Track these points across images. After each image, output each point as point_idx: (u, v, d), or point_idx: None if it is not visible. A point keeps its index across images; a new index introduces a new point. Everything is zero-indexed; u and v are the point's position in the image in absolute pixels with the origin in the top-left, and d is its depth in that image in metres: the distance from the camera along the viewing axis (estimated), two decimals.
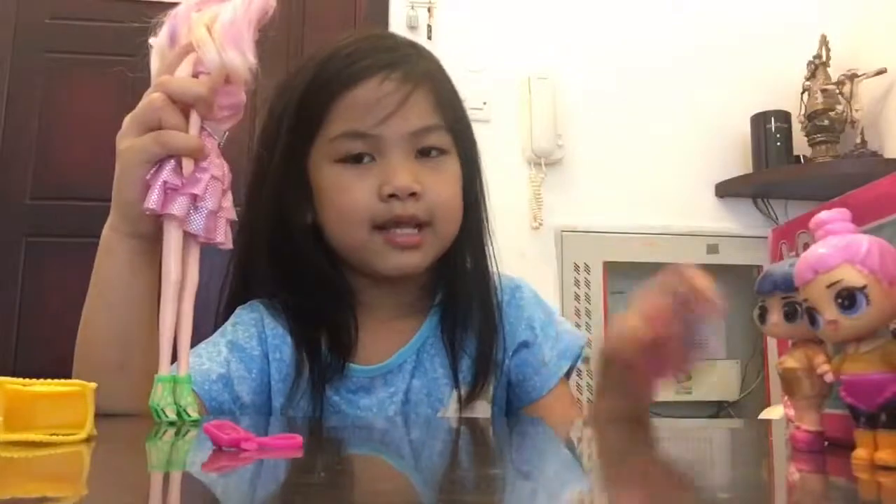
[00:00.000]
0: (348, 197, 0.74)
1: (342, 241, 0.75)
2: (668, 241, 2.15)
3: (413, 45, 0.82)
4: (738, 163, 2.23)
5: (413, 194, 0.73)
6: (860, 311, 0.35)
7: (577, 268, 2.11)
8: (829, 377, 0.39)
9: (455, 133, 0.78)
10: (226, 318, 0.79)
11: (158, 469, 0.43)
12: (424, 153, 0.76)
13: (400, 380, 0.76)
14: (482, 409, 0.78)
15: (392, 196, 0.72)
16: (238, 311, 0.79)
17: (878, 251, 0.35)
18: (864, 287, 0.35)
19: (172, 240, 0.60)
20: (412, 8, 2.15)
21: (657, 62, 2.25)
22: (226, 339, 0.77)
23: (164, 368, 0.60)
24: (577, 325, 2.09)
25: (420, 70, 0.77)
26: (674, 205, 2.20)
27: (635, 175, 2.19)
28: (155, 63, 0.64)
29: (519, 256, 2.02)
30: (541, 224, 2.10)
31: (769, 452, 0.50)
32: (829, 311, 0.36)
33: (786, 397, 0.45)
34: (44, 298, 1.95)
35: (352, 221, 0.74)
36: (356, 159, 0.74)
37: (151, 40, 0.64)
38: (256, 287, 0.81)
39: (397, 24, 2.14)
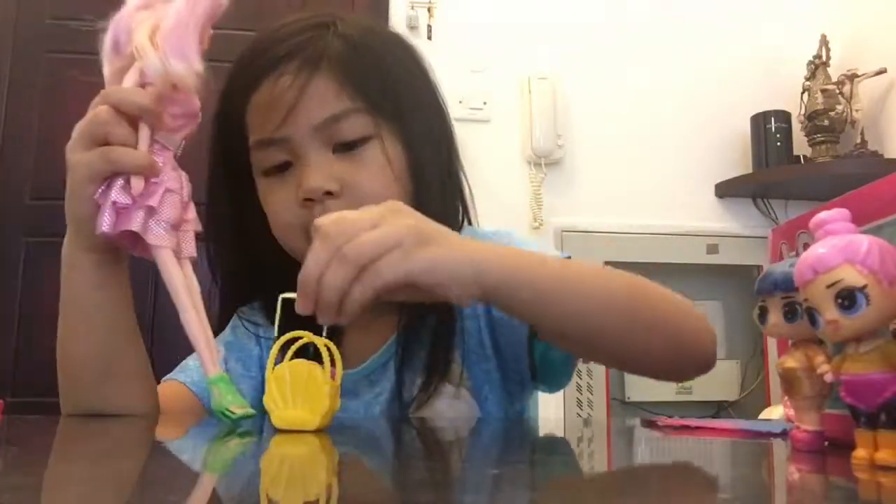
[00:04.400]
0: (273, 209, 0.70)
1: (289, 251, 0.71)
2: (668, 241, 2.15)
3: (323, 25, 0.71)
4: (738, 163, 2.23)
5: (330, 193, 0.67)
6: (860, 311, 0.35)
7: None
8: (829, 377, 0.39)
9: (384, 112, 0.70)
10: (221, 322, 0.79)
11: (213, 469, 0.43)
12: (347, 146, 0.69)
13: (385, 379, 0.74)
14: (461, 398, 0.73)
15: (309, 200, 0.67)
16: (237, 313, 0.79)
17: (878, 251, 0.35)
18: (864, 287, 0.35)
19: (162, 254, 0.58)
20: (412, 8, 2.15)
21: (657, 62, 2.25)
22: (224, 340, 0.78)
23: (211, 371, 0.59)
24: None
25: (319, 52, 0.68)
26: (674, 205, 2.19)
27: (635, 175, 2.19)
28: (106, 71, 0.61)
29: None
30: (541, 224, 2.10)
31: (769, 452, 0.50)
32: (829, 311, 0.36)
33: (786, 397, 0.45)
34: (44, 298, 1.94)
35: (285, 234, 0.70)
36: (281, 168, 0.70)
37: (100, 47, 0.61)
38: (248, 291, 0.79)
39: (397, 25, 2.13)
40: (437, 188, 0.72)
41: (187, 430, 0.61)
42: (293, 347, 0.55)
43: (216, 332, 0.79)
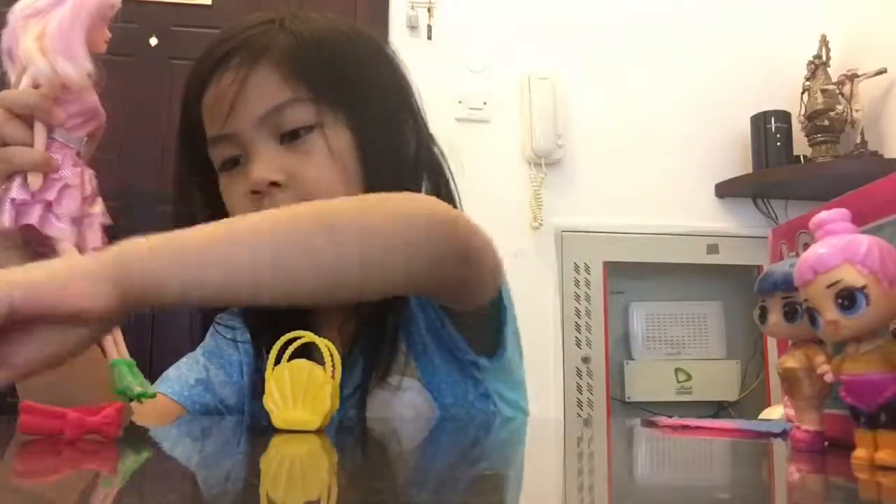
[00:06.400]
0: (229, 205, 0.70)
1: None
2: (668, 241, 2.15)
3: (270, 20, 0.71)
4: (738, 163, 2.23)
5: (277, 184, 0.66)
6: (860, 311, 0.35)
7: (577, 268, 2.11)
8: (829, 377, 0.39)
9: (330, 102, 0.69)
10: (205, 330, 0.80)
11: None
12: (292, 136, 0.68)
13: (358, 380, 0.71)
14: (406, 388, 0.70)
15: (257, 192, 0.66)
16: (215, 320, 0.80)
17: (878, 251, 0.35)
18: (864, 287, 0.35)
19: (63, 247, 0.59)
20: (412, 8, 2.15)
21: (657, 62, 2.25)
22: (204, 349, 0.79)
23: (112, 354, 0.59)
24: (577, 325, 2.09)
25: (262, 46, 0.68)
26: (674, 205, 2.20)
27: (635, 175, 2.19)
28: (11, 77, 0.62)
29: (519, 256, 2.02)
30: (541, 224, 2.10)
31: (769, 452, 0.50)
32: (829, 311, 0.36)
33: (786, 397, 0.45)
34: None
35: None
36: (235, 163, 0.69)
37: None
38: None
39: (397, 24, 2.13)
40: (391, 180, 0.68)
41: (186, 430, 0.61)
42: (292, 347, 0.55)
43: (200, 340, 0.80)
